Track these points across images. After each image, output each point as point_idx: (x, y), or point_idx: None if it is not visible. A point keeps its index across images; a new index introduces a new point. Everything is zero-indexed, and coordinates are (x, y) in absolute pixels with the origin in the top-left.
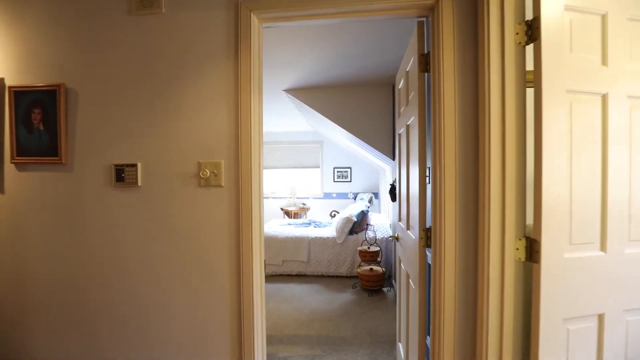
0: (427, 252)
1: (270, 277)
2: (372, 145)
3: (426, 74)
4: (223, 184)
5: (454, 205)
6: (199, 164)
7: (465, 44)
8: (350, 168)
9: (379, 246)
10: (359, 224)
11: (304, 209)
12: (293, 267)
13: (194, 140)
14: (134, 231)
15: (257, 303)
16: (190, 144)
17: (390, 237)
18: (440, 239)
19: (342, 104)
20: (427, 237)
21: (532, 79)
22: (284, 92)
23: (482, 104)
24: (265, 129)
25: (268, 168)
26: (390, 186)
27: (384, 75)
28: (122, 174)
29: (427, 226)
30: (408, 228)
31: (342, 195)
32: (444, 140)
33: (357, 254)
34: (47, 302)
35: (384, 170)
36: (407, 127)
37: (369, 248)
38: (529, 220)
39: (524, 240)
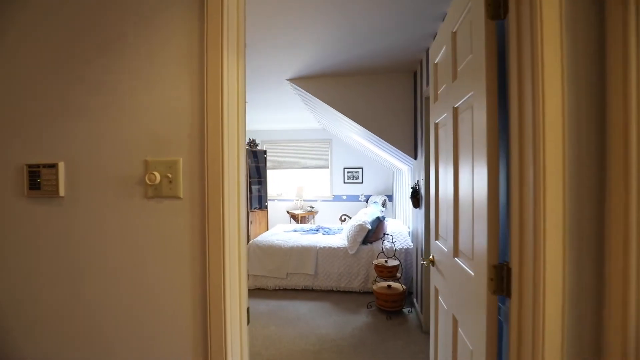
0: (497, 299)
1: (273, 293)
2: (389, 142)
3: (498, 21)
4: (181, 195)
5: (562, 232)
6: (146, 163)
7: None
8: (362, 168)
9: (398, 259)
10: (374, 232)
11: (312, 213)
12: (299, 280)
13: (138, 128)
14: (54, 265)
15: None
16: (134, 132)
17: (423, 261)
18: (536, 290)
19: (354, 95)
20: (500, 278)
21: None
22: (287, 82)
23: (616, 57)
24: (268, 126)
25: (273, 169)
26: (412, 190)
27: (404, 59)
28: (37, 179)
29: (500, 261)
30: (456, 255)
31: (353, 198)
32: (543, 124)
33: (372, 268)
34: None
35: (400, 170)
36: (455, 110)
37: (386, 262)
38: None
39: None
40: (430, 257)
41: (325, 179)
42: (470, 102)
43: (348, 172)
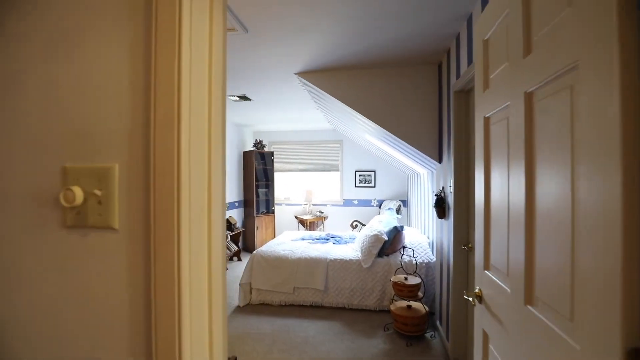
0: None
1: (279, 309)
2: (410, 144)
3: None
4: (117, 224)
5: None
6: (64, 171)
7: None
8: (375, 171)
9: (419, 276)
10: (391, 243)
11: (321, 218)
12: (307, 296)
13: (52, 117)
14: None
15: None
16: (44, 124)
17: (467, 295)
18: None
19: (369, 90)
20: None
21: None
22: (295, 77)
23: None
24: (276, 126)
25: (281, 171)
26: (436, 198)
27: (427, 48)
28: None
29: None
30: (531, 302)
31: (365, 203)
32: None
33: (390, 285)
34: None
35: (417, 174)
36: (529, 96)
37: (405, 279)
38: None
39: None
40: (476, 290)
41: (335, 183)
42: (567, 81)
43: (360, 175)
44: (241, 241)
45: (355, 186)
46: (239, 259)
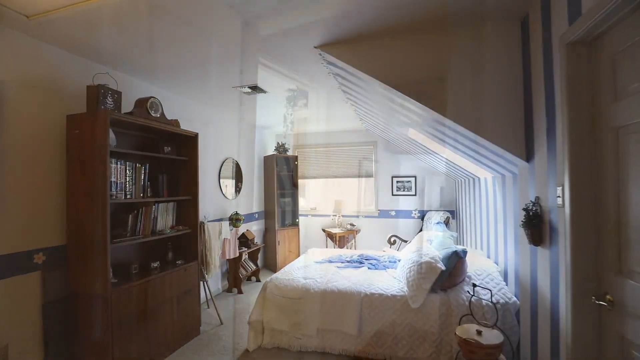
0: None
1: (298, 357)
2: (481, 135)
3: None
4: None
5: None
6: None
7: None
8: (415, 177)
9: (502, 330)
10: (450, 274)
11: (353, 232)
12: (334, 341)
13: None
14: None
15: None
16: None
17: None
18: None
19: (418, 64)
20: None
21: None
22: (316, 53)
23: None
24: (299, 127)
25: (305, 178)
26: (525, 214)
27: None
28: None
29: None
30: None
31: (404, 214)
32: None
33: (451, 333)
34: None
35: (472, 180)
36: None
37: (479, 334)
38: None
39: None
40: None
41: (369, 191)
42: None
43: (398, 181)
44: (260, 258)
45: (393, 194)
46: (257, 280)
